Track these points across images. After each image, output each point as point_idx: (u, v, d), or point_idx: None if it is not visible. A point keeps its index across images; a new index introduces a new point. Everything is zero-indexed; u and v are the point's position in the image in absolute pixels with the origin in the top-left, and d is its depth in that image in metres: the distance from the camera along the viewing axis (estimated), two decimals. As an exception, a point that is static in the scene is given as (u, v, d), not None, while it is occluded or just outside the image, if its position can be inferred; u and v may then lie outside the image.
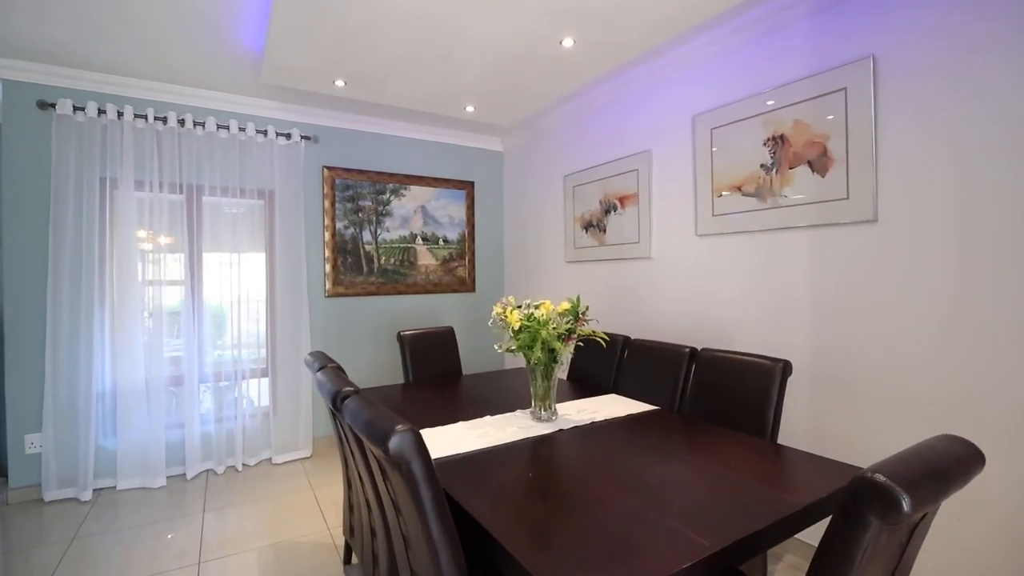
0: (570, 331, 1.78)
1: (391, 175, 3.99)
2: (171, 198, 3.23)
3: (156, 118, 3.12)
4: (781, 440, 1.93)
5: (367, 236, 3.91)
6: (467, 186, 4.36)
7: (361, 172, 3.87)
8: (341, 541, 2.39)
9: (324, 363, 1.88)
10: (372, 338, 3.92)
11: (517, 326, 1.75)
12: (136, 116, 3.07)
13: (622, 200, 3.16)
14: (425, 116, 3.77)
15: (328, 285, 3.75)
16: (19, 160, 2.86)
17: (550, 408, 1.87)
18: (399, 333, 2.92)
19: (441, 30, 2.30)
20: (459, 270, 4.33)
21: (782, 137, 2.31)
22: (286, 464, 3.47)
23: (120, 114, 3.03)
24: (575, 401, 2.19)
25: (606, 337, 1.89)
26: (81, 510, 2.77)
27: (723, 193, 2.56)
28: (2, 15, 2.32)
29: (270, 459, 3.50)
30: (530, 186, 4.14)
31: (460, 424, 1.85)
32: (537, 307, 1.86)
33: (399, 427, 1.02)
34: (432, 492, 1.04)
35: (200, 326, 3.32)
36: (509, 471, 1.43)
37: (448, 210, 4.28)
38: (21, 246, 2.87)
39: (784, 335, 2.30)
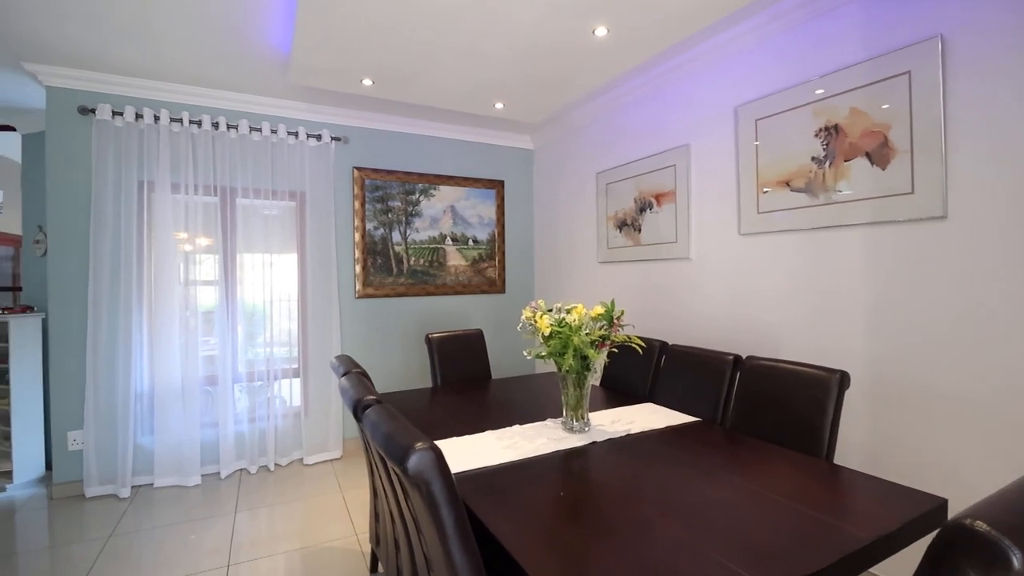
0: (604, 337, 1.67)
1: (420, 175, 3.95)
2: (206, 200, 3.27)
3: (191, 121, 3.17)
4: (836, 459, 1.76)
5: (396, 237, 3.88)
6: (497, 185, 4.29)
7: (390, 172, 3.84)
8: (368, 548, 2.35)
9: (348, 368, 1.83)
10: (401, 340, 3.89)
11: (547, 332, 1.65)
12: (172, 120, 3.12)
13: (658, 198, 3.02)
14: (454, 114, 3.71)
15: (358, 286, 3.74)
16: (62, 165, 2.94)
17: (582, 418, 1.77)
18: (427, 336, 2.87)
19: (468, 22, 2.23)
20: (489, 271, 4.26)
21: (836, 127, 2.13)
22: (317, 465, 3.48)
23: (156, 118, 3.08)
24: (609, 410, 2.08)
25: (643, 344, 1.77)
26: (119, 507, 2.83)
27: (769, 189, 2.40)
28: (46, 22, 2.38)
29: (302, 459, 3.52)
30: (561, 184, 4.03)
31: (488, 434, 1.77)
32: (568, 311, 1.76)
33: (419, 444, 0.95)
34: (454, 516, 0.96)
35: (234, 327, 3.35)
36: (539, 488, 1.34)
37: (478, 210, 4.21)
38: (64, 249, 2.96)
39: (836, 342, 2.12)
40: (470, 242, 4.18)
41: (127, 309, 3.03)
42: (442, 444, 1.67)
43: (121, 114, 2.99)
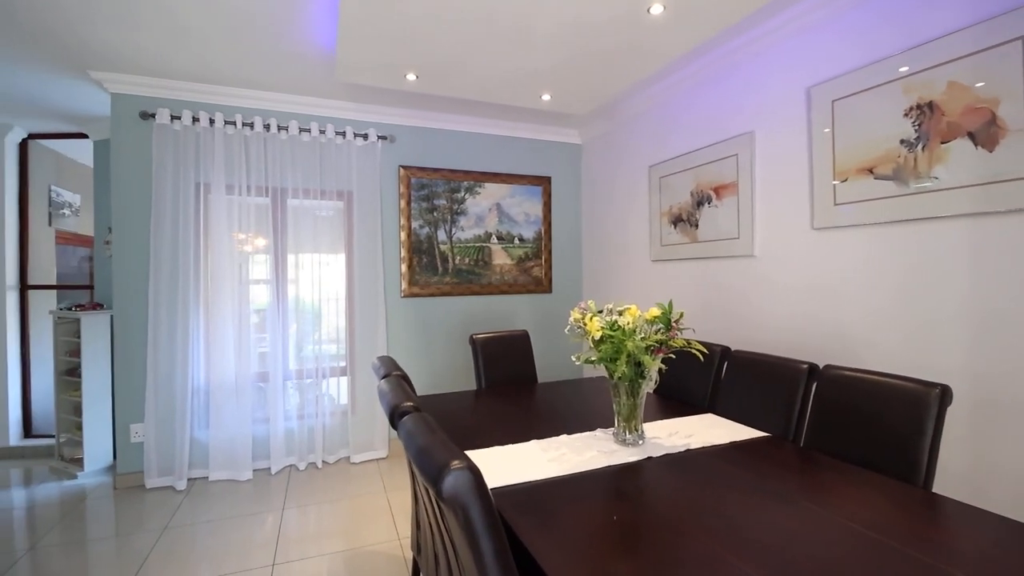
0: (661, 342, 1.51)
1: (465, 172, 3.89)
2: (258, 201, 3.33)
3: (244, 123, 3.23)
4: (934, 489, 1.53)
5: (442, 235, 3.83)
6: (543, 182, 4.16)
7: (436, 170, 3.80)
8: (411, 555, 2.29)
9: (389, 370, 1.77)
10: (446, 339, 3.84)
11: (598, 335, 1.51)
12: (226, 122, 3.19)
13: (718, 190, 2.80)
14: (499, 109, 3.62)
15: (404, 285, 3.72)
16: (126, 168, 3.07)
17: (636, 430, 1.62)
18: (471, 336, 2.78)
19: (513, 8, 2.11)
20: (535, 270, 4.14)
21: (930, 105, 1.87)
22: (363, 464, 3.48)
23: (212, 121, 3.16)
24: (665, 421, 1.91)
25: (704, 350, 1.60)
26: (176, 499, 2.92)
27: (848, 177, 2.15)
28: (109, 30, 2.47)
29: (348, 458, 3.53)
30: (611, 179, 3.85)
31: (533, 443, 1.65)
32: (621, 313, 1.62)
33: (455, 464, 0.84)
34: (494, 546, 0.84)
35: (285, 325, 3.41)
36: (588, 508, 1.21)
37: (523, 207, 4.10)
38: (128, 249, 3.09)
39: (930, 350, 1.86)
40: (516, 240, 4.07)
41: (185, 307, 3.13)
42: (484, 453, 1.56)
43: (179, 118, 3.09)
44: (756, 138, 2.58)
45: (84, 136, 3.88)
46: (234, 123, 3.21)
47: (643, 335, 1.51)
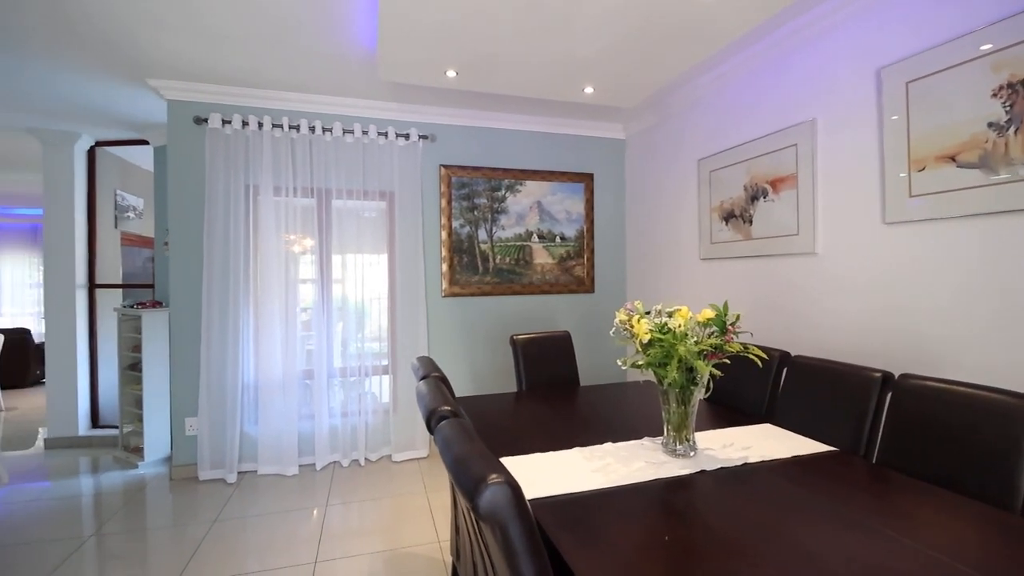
0: (716, 347, 1.40)
1: (506, 170, 3.84)
2: (304, 202, 3.40)
3: (290, 126, 3.30)
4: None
5: (482, 235, 3.80)
6: (585, 179, 4.06)
7: (476, 169, 3.77)
8: (450, 559, 2.26)
9: (427, 372, 1.73)
10: (487, 339, 3.80)
11: (646, 339, 1.42)
12: (274, 126, 3.27)
13: (774, 184, 2.62)
14: (540, 105, 3.54)
15: (444, 285, 3.71)
16: (181, 171, 3.20)
17: (687, 440, 1.51)
18: (512, 337, 2.73)
19: (557, -2, 2.04)
20: (577, 269, 4.04)
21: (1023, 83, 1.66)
22: (404, 463, 3.49)
23: (260, 124, 3.25)
24: (718, 431, 1.79)
25: (764, 355, 1.47)
26: (226, 491, 3.02)
27: (926, 167, 1.95)
28: (164, 38, 2.56)
29: (390, 456, 3.55)
30: (656, 175, 3.71)
31: (575, 451, 1.57)
32: (671, 315, 1.51)
33: (492, 477, 0.78)
34: (535, 567, 0.78)
35: (330, 324, 3.46)
36: (637, 525, 1.12)
37: (565, 205, 4.01)
38: (183, 249, 3.21)
39: (1027, 358, 1.66)
40: (557, 239, 3.99)
41: (236, 306, 3.22)
42: (523, 461, 1.50)
43: (229, 122, 3.19)
44: (818, 126, 2.40)
45: (145, 142, 4.08)
46: (281, 126, 3.28)
47: (696, 339, 1.40)
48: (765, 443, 1.64)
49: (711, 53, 2.62)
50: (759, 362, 1.49)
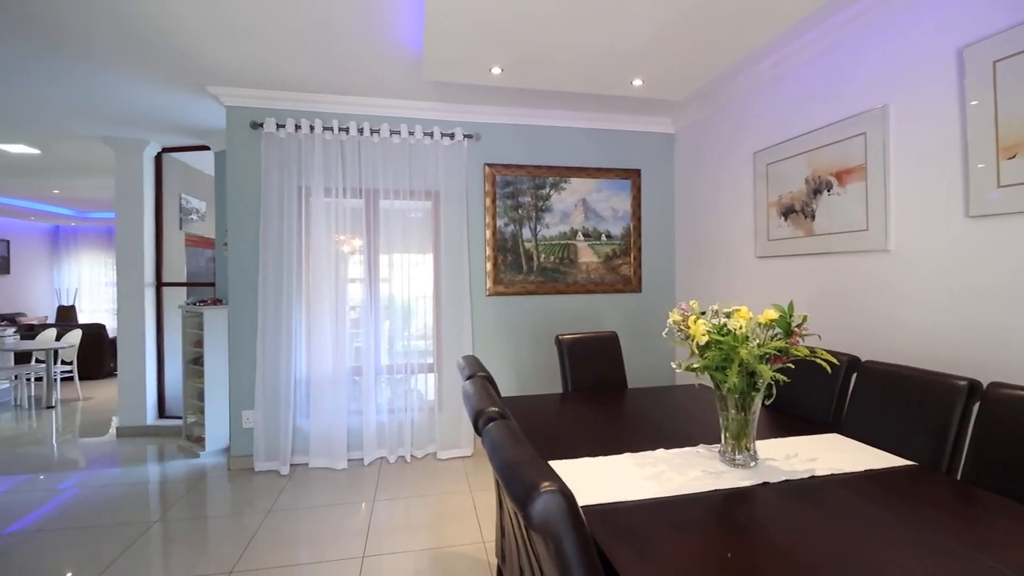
0: (782, 350, 1.31)
1: (550, 168, 3.79)
2: (352, 203, 3.48)
3: (340, 129, 3.38)
4: None
5: (526, 233, 3.77)
6: (632, 175, 3.95)
7: (520, 167, 3.74)
8: (495, 561, 2.24)
9: (473, 371, 1.71)
10: (531, 339, 3.77)
11: (704, 341, 1.34)
12: (324, 129, 3.36)
13: (840, 176, 2.45)
14: (586, 100, 3.47)
15: (489, 284, 3.70)
16: (239, 175, 3.34)
17: (747, 449, 1.42)
18: (557, 337, 2.68)
19: (606, -12, 1.98)
20: (623, 268, 3.94)
21: None
22: (449, 461, 3.51)
23: (312, 128, 3.34)
24: (779, 440, 1.68)
25: (834, 360, 1.36)
26: (280, 483, 3.12)
27: (1016, 154, 1.76)
28: (223, 45, 2.67)
29: (435, 454, 3.58)
30: (708, 170, 3.56)
31: (626, 457, 1.51)
32: (729, 315, 1.43)
33: (545, 485, 0.74)
34: (590, 583, 0.73)
35: (377, 322, 3.53)
36: (696, 540, 1.06)
37: (611, 202, 3.92)
38: (241, 249, 3.35)
39: None
40: (603, 237, 3.90)
41: (289, 303, 3.33)
42: (572, 465, 1.45)
43: (283, 126, 3.30)
44: (890, 112, 2.22)
45: (206, 148, 4.30)
46: (331, 128, 3.37)
47: (759, 341, 1.31)
48: (833, 455, 1.52)
49: (770, 37, 2.48)
50: (828, 368, 1.39)
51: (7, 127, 3.88)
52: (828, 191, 2.52)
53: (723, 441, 1.46)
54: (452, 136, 3.56)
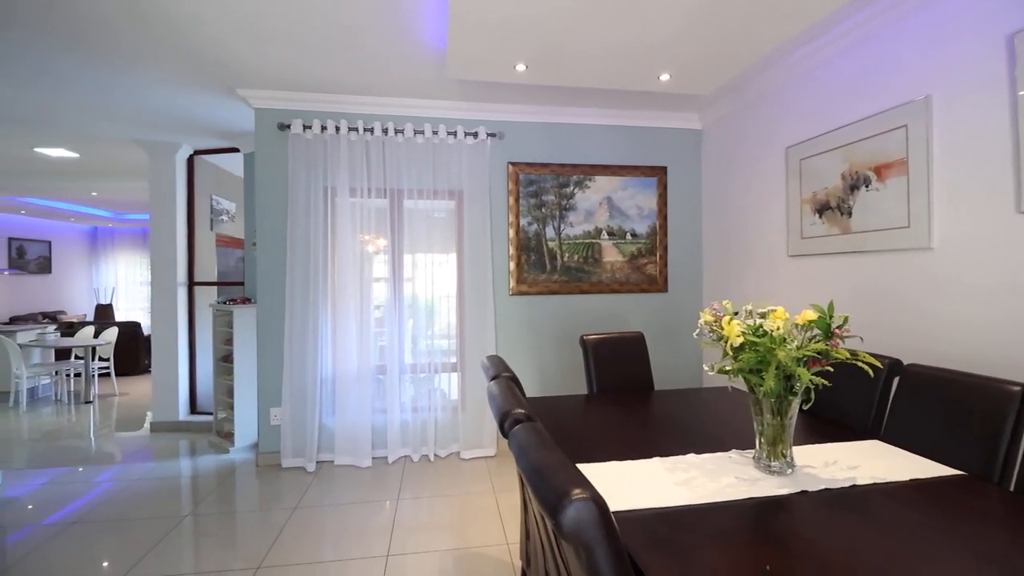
0: (822, 353, 1.25)
1: (575, 166, 3.75)
2: (377, 203, 3.50)
3: (364, 129, 3.41)
4: None
5: (550, 232, 3.73)
6: (658, 172, 3.88)
7: (544, 165, 3.71)
8: (519, 563, 2.22)
9: (498, 372, 1.69)
10: (554, 339, 3.74)
11: (738, 342, 1.29)
12: (349, 129, 3.39)
13: (879, 170, 2.35)
14: (611, 96, 3.42)
15: (512, 283, 3.68)
16: (267, 176, 3.39)
17: (783, 456, 1.36)
18: (582, 337, 2.64)
19: (633, -19, 1.93)
20: (649, 267, 3.87)
21: None
22: (472, 460, 3.50)
23: (337, 129, 3.37)
24: (817, 446, 1.61)
25: (877, 364, 1.30)
26: (306, 479, 3.16)
27: (1077, 145, 1.65)
28: (253, 48, 2.71)
29: (458, 453, 3.58)
30: (737, 166, 3.46)
31: (656, 461, 1.47)
32: (763, 315, 1.37)
33: (577, 493, 0.72)
34: (624, 595, 0.70)
35: (401, 321, 3.54)
36: (733, 550, 1.02)
37: (636, 200, 3.85)
38: (268, 249, 3.41)
39: None
40: (628, 236, 3.84)
41: (315, 302, 3.37)
42: (600, 469, 1.42)
43: (310, 127, 3.34)
44: (933, 103, 2.11)
45: (236, 150, 4.38)
46: (356, 129, 3.39)
47: (798, 343, 1.26)
48: (875, 462, 1.45)
49: (804, 27, 2.39)
50: (871, 371, 1.32)
51: (47, 132, 4.03)
52: (866, 187, 2.41)
53: (757, 446, 1.41)
54: (475, 135, 3.55)
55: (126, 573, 2.15)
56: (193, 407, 4.52)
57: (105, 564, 2.24)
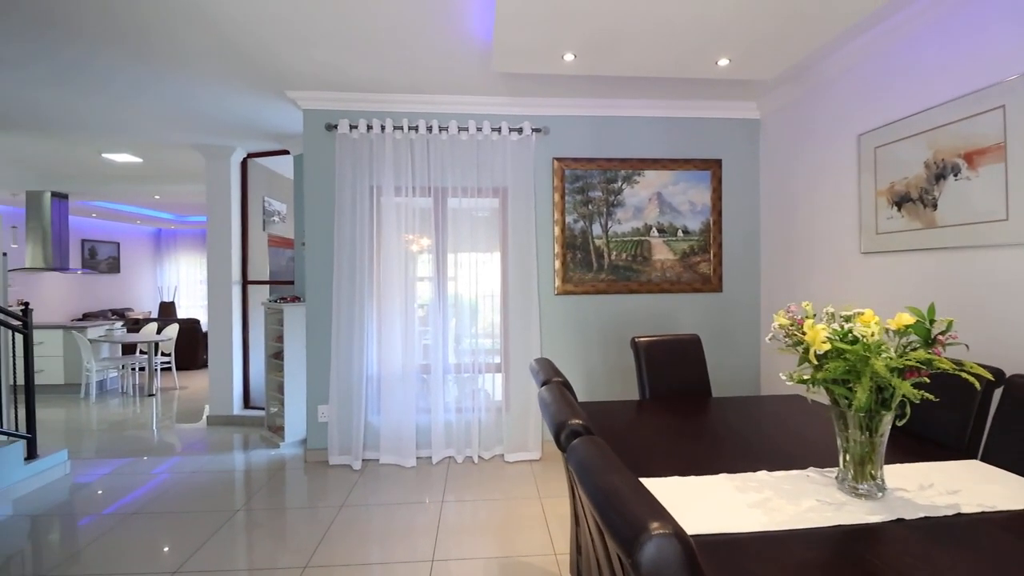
0: (925, 363, 1.10)
1: (622, 161, 3.61)
2: (421, 202, 3.48)
3: (409, 127, 3.39)
4: None
5: (597, 229, 3.61)
6: (712, 165, 3.68)
7: (591, 160, 3.59)
8: (567, 573, 2.13)
9: (549, 376, 1.61)
10: (601, 340, 3.61)
11: (823, 349, 1.15)
12: (394, 128, 3.38)
13: (970, 157, 2.11)
14: (662, 85, 3.26)
15: (557, 283, 3.59)
16: (315, 176, 3.44)
17: (873, 478, 1.22)
18: (633, 339, 2.51)
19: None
20: (702, 266, 3.68)
21: None
22: (517, 464, 3.43)
23: (383, 128, 3.38)
24: (907, 466, 1.44)
25: (987, 375, 1.13)
26: (352, 477, 3.18)
27: None
28: (300, 50, 2.74)
29: (502, 456, 3.52)
30: (801, 156, 3.23)
31: (723, 478, 1.35)
32: (848, 319, 1.23)
33: (656, 527, 0.62)
34: (711, 647, 0.61)
35: (445, 320, 3.52)
36: (822, 588, 0.89)
37: (688, 195, 3.67)
38: (317, 248, 3.45)
39: None
40: (679, 233, 3.67)
41: (361, 301, 3.39)
42: (661, 485, 1.31)
43: (356, 127, 3.35)
44: (1041, 81, 1.87)
45: (286, 152, 4.49)
46: (401, 128, 3.38)
47: (897, 351, 1.11)
48: (979, 487, 1.28)
49: (881, 3, 2.18)
50: (977, 383, 1.15)
51: (112, 138, 4.25)
52: (955, 176, 2.18)
53: (841, 465, 1.27)
54: (520, 131, 3.47)
55: (181, 565, 2.20)
56: (247, 402, 4.67)
57: (166, 549, 2.31)
